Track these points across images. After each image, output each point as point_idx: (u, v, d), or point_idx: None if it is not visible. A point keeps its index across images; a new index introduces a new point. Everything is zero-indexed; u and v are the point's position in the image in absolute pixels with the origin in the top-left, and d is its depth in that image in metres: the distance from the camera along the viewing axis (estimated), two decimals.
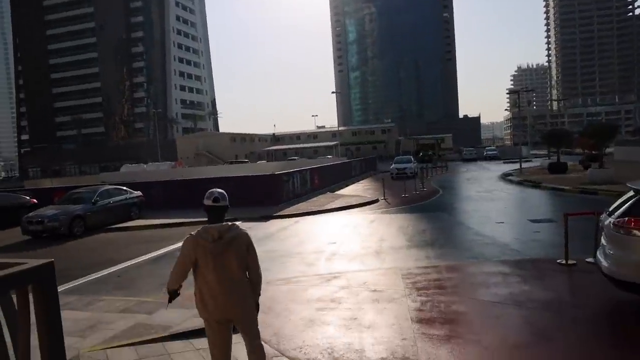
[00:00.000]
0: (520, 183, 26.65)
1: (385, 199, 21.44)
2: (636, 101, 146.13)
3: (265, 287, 4.44)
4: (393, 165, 37.11)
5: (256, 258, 4.03)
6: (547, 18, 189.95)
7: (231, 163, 63.74)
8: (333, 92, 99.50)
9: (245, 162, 65.48)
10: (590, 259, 8.42)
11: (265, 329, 6.02)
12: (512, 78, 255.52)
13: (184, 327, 6.08)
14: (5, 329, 2.44)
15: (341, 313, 6.76)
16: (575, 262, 8.58)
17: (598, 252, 6.88)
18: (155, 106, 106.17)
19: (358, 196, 23.23)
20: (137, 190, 19.85)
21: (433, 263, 9.47)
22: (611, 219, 6.36)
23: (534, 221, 13.94)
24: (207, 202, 3.89)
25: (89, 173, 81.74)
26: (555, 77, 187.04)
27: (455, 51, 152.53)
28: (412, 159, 39.28)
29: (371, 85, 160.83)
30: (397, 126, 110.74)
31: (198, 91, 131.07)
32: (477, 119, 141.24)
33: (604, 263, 6.36)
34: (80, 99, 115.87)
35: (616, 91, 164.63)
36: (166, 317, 6.53)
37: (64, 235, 15.56)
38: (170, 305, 4.21)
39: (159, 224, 17.17)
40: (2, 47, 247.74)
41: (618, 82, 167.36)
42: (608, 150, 35.09)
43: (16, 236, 16.14)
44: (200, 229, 3.84)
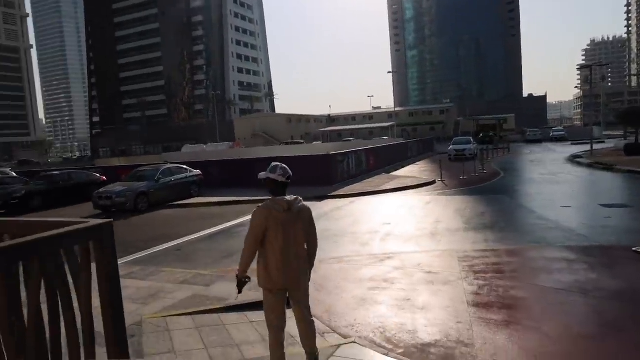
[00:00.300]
0: (590, 165, 25.00)
1: (442, 181, 20.93)
2: None
3: (317, 266, 4.43)
4: (451, 146, 36.13)
5: (315, 231, 4.23)
6: None
7: (287, 144, 64.32)
8: (389, 72, 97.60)
9: (300, 143, 65.87)
10: None
11: (317, 306, 6.03)
12: (584, 53, 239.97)
13: (239, 300, 6.18)
14: (70, 281, 2.58)
15: (394, 293, 6.65)
16: None
17: None
18: (214, 88, 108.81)
19: (414, 177, 22.80)
20: (197, 169, 20.48)
21: (492, 246, 9.11)
22: None
23: (606, 206, 12.94)
24: (279, 178, 4.01)
25: (153, 153, 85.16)
26: (635, 50, 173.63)
27: (519, 26, 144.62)
28: (472, 140, 38.10)
29: (429, 64, 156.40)
30: (457, 106, 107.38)
31: (255, 73, 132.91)
32: (543, 98, 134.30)
33: None
34: (144, 83, 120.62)
35: None
36: (222, 290, 6.72)
37: (130, 210, 16.39)
38: (240, 295, 4.17)
39: (217, 202, 17.62)
40: (76, 36, 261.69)
41: None
42: None
43: (88, 210, 17.13)
44: (268, 201, 3.96)
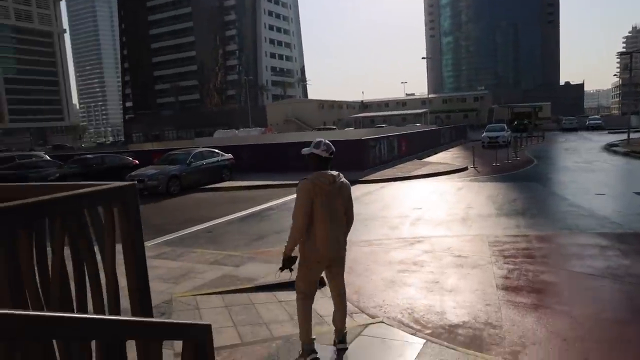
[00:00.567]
0: (626, 154, 24.42)
1: (474, 167, 20.68)
2: None
3: (348, 247, 4.52)
4: (485, 133, 35.61)
5: (353, 208, 4.36)
6: None
7: (319, 129, 64.28)
8: (423, 58, 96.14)
9: (333, 129, 65.76)
10: None
11: (346, 288, 6.12)
12: (625, 40, 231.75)
13: (268, 281, 6.34)
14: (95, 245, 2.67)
15: (423, 276, 6.69)
16: None
17: None
18: (246, 74, 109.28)
19: (446, 164, 22.60)
20: (229, 153, 20.74)
21: (523, 232, 9.03)
22: None
23: None
24: (323, 153, 4.08)
25: (185, 138, 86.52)
26: None
27: (558, 12, 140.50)
28: (506, 128, 37.40)
29: (464, 50, 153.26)
30: (491, 94, 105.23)
31: (287, 58, 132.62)
32: (581, 86, 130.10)
33: None
34: (177, 68, 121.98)
35: None
36: (251, 271, 6.87)
37: (162, 193, 16.71)
38: (281, 274, 4.31)
39: (247, 186, 17.88)
40: (109, 20, 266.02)
41: None
42: None
43: None
44: (313, 175, 4.03)
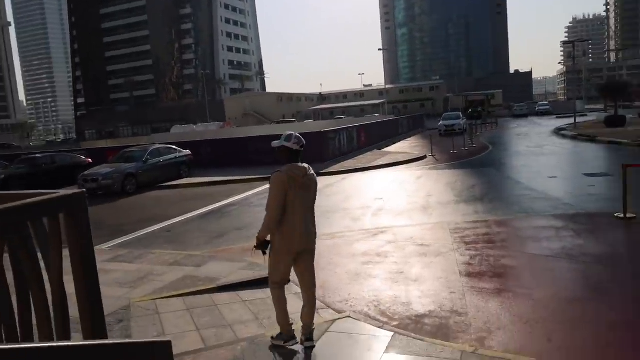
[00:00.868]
0: (574, 137, 25.60)
1: (433, 156, 20.99)
2: None
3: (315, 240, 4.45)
4: (441, 122, 36.21)
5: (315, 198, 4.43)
6: None
7: (278, 123, 63.89)
8: (380, 50, 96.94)
9: (292, 122, 65.52)
10: None
11: None
12: (567, 30, 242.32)
13: (231, 280, 6.18)
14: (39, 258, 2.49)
15: (387, 267, 6.69)
16: (634, 216, 8.15)
17: None
18: (203, 68, 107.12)
19: (405, 153, 22.83)
20: (187, 149, 20.25)
21: (482, 218, 9.21)
22: None
23: (589, 175, 13.39)
24: (294, 146, 4.14)
25: (141, 134, 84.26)
26: (613, 27, 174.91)
27: (506, 4, 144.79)
28: (461, 116, 38.17)
29: (419, 42, 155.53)
30: (446, 83, 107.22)
31: (245, 52, 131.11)
32: (529, 74, 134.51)
33: None
34: (131, 62, 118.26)
35: None
36: (213, 270, 6.68)
37: (117, 192, 16.09)
38: (254, 252, 4.36)
39: (207, 182, 17.52)
40: (58, 14, 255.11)
41: None
42: None
43: None
44: (285, 168, 4.09)
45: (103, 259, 7.49)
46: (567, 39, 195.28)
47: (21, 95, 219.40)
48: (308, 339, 4.33)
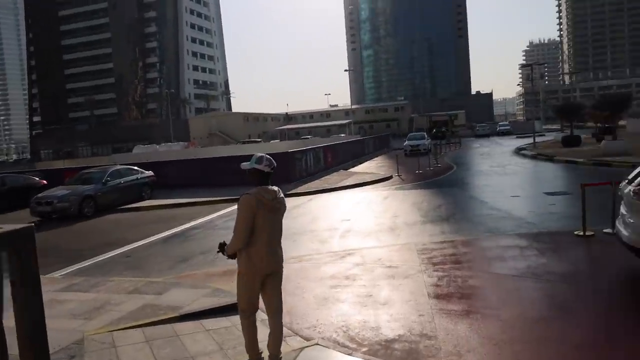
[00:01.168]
0: (533, 157, 26.45)
1: (399, 176, 21.16)
2: None
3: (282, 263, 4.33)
4: (406, 142, 36.78)
5: None
6: None
7: (244, 143, 63.55)
8: (346, 70, 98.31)
9: (258, 142, 65.30)
10: (608, 230, 8.24)
11: None
12: (524, 53, 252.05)
13: (194, 308, 5.94)
14: None
15: (356, 290, 6.59)
16: (593, 233, 8.39)
17: (617, 222, 6.73)
18: (168, 87, 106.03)
19: (371, 173, 22.99)
20: (149, 170, 19.74)
21: (449, 238, 9.26)
22: (631, 187, 6.21)
23: (549, 194, 13.76)
24: (265, 169, 4.11)
25: (102, 154, 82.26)
26: (566, 52, 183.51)
27: (467, 28, 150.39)
28: (426, 136, 38.86)
29: (384, 63, 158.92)
30: (411, 104, 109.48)
31: (211, 71, 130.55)
32: (490, 95, 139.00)
33: (624, 232, 6.22)
34: (93, 80, 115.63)
35: (627, 65, 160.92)
36: (176, 298, 6.39)
37: (74, 216, 15.36)
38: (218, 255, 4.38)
39: (170, 204, 17.09)
40: (14, 30, 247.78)
41: (629, 56, 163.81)
42: (621, 122, 34.62)
43: (24, 218, 15.72)
44: (254, 190, 4.04)
45: (56, 288, 7.11)
46: (525, 62, 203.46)
47: None
48: None
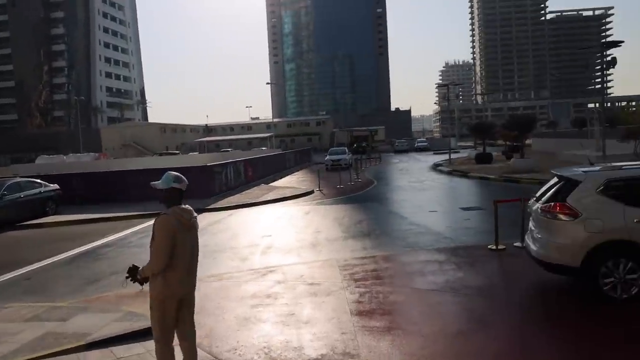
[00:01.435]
0: (449, 173, 27.66)
1: (320, 190, 21.28)
2: (549, 97, 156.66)
3: (196, 285, 4.11)
4: (328, 156, 37.16)
5: None
6: (472, 18, 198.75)
7: (161, 155, 61.25)
8: (268, 83, 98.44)
9: (176, 154, 63.27)
10: (518, 244, 8.73)
11: (196, 330, 5.56)
12: (441, 73, 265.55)
13: (103, 334, 5.48)
14: None
15: (277, 309, 6.44)
16: (504, 247, 8.86)
17: (527, 237, 7.14)
18: (77, 93, 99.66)
19: (293, 188, 22.94)
20: (55, 183, 18.40)
21: (370, 253, 9.37)
22: (539, 204, 6.59)
23: (465, 209, 14.44)
24: (183, 187, 4.02)
25: None
26: (479, 73, 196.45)
27: (387, 46, 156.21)
28: (347, 151, 39.54)
29: (306, 77, 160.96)
30: (332, 118, 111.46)
31: (126, 79, 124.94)
32: (408, 112, 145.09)
33: (533, 247, 6.60)
34: None
35: (532, 88, 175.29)
36: (82, 324, 5.87)
37: None
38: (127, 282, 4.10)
39: (79, 220, 16.01)
40: None
41: (533, 80, 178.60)
42: (527, 141, 37.40)
43: None
44: (171, 210, 3.92)
45: None
46: (441, 81, 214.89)
47: None
48: None
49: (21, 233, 14.64)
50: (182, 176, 4.06)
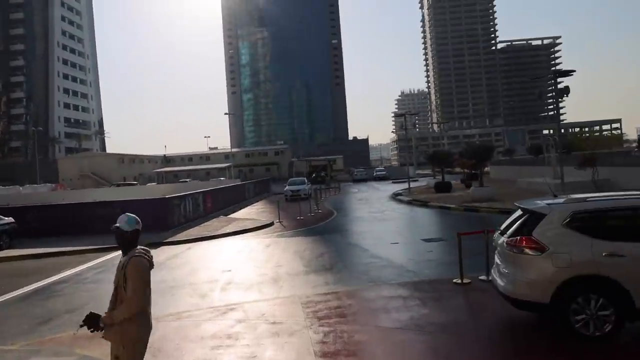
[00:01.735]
0: (409, 203, 27.78)
1: (280, 222, 21.13)
2: (503, 125, 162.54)
3: (153, 325, 4.03)
4: (287, 187, 37.10)
5: None
6: (425, 48, 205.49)
7: (118, 185, 59.76)
8: (226, 114, 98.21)
9: (134, 185, 61.89)
10: (483, 277, 8.71)
11: None
12: (397, 102, 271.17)
13: None
14: None
15: (239, 350, 6.25)
16: (470, 281, 8.80)
17: (493, 271, 6.97)
18: (35, 124, 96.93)
19: (253, 219, 22.70)
20: (9, 216, 17.69)
21: (332, 289, 9.24)
22: (504, 238, 6.41)
23: (426, 240, 14.42)
24: (140, 227, 4.04)
25: None
26: (434, 102, 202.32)
27: (343, 76, 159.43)
28: (306, 181, 39.59)
29: (264, 107, 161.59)
30: (290, 148, 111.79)
31: (84, 109, 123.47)
32: (366, 141, 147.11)
33: (500, 282, 6.39)
34: None
35: (486, 115, 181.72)
36: None
37: None
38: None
39: (33, 254, 15.39)
40: None
41: (487, 108, 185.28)
42: (485, 169, 38.31)
43: None
44: (139, 250, 3.94)
45: None
46: (397, 110, 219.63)
47: None
48: None
49: None
50: (136, 217, 4.11)
